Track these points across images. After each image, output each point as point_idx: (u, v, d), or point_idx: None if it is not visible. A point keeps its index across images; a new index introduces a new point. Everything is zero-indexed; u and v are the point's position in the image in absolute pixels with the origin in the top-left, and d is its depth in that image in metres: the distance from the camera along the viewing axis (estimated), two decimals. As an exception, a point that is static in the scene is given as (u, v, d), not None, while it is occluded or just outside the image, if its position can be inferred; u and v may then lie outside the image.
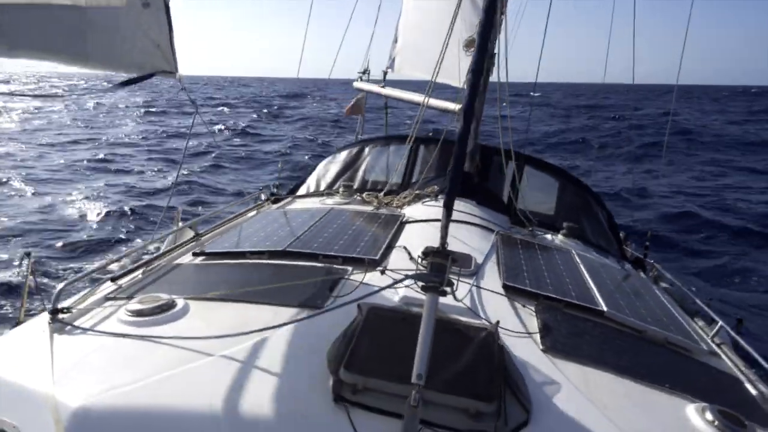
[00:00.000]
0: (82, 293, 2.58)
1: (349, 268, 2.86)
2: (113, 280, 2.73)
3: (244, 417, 1.66)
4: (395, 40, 6.81)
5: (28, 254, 3.01)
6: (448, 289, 1.65)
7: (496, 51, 4.50)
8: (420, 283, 1.67)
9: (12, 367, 1.88)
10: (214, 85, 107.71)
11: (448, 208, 1.71)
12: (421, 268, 1.70)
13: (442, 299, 1.66)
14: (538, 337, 2.41)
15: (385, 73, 6.84)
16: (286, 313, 2.30)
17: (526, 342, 2.33)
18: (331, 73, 7.28)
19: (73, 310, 2.25)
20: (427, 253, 1.69)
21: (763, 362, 2.78)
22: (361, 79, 7.21)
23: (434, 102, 5.18)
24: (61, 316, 2.16)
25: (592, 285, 3.17)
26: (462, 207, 4.22)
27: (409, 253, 3.08)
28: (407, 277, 1.76)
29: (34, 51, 2.35)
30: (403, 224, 3.80)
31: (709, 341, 3.15)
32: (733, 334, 3.32)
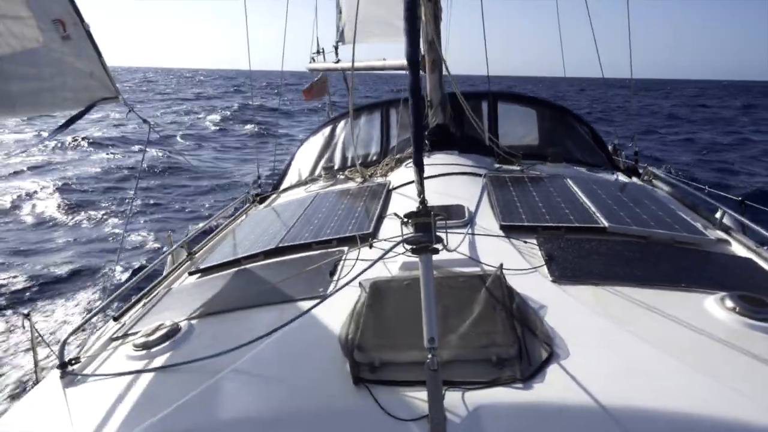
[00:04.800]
0: (89, 340, 2.54)
1: (345, 248, 2.82)
2: (115, 319, 2.70)
3: (271, 420, 1.64)
4: (339, 11, 6.63)
5: (26, 315, 2.95)
6: (438, 246, 1.60)
7: None
8: (410, 248, 1.63)
9: (32, 430, 1.85)
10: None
11: (419, 165, 1.66)
12: (408, 232, 1.65)
13: (438, 256, 1.62)
14: (545, 269, 2.38)
15: (336, 47, 6.64)
16: (291, 308, 2.26)
17: (534, 277, 2.30)
18: (283, 65, 7.03)
19: (82, 359, 2.22)
20: (410, 215, 1.64)
21: None
22: (314, 60, 7.00)
23: (392, 62, 5.07)
24: (70, 368, 2.13)
25: (589, 204, 3.14)
26: (445, 159, 4.17)
27: (401, 219, 3.03)
28: (395, 245, 1.72)
29: None
30: (390, 192, 3.75)
31: (715, 230, 3.13)
32: (737, 216, 3.30)
